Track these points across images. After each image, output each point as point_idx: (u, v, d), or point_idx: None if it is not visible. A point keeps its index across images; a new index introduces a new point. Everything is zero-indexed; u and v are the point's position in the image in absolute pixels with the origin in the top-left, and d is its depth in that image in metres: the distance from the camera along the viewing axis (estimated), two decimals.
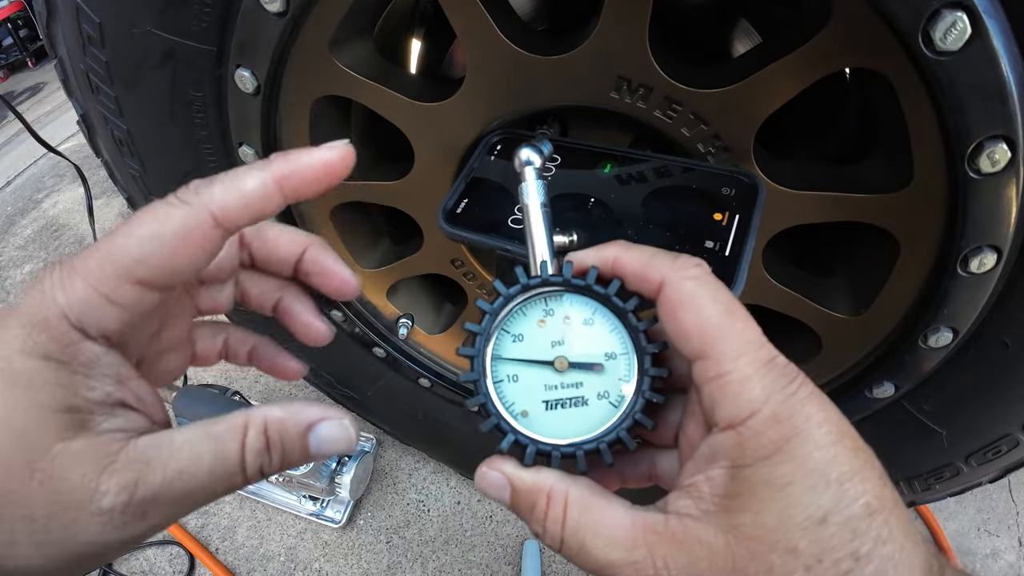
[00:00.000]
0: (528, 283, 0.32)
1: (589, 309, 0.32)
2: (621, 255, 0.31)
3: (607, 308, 0.32)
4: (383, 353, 0.88)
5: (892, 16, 0.38)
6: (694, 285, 0.29)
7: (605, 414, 0.32)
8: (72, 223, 1.93)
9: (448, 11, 0.51)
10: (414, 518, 1.13)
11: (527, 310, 0.33)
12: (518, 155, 0.38)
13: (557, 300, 0.33)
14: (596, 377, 0.32)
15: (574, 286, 0.32)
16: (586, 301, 0.32)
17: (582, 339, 0.32)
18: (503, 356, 0.32)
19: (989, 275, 0.48)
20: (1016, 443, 0.61)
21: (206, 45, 0.55)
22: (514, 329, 0.33)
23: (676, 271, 0.29)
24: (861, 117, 0.64)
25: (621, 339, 0.32)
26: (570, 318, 0.32)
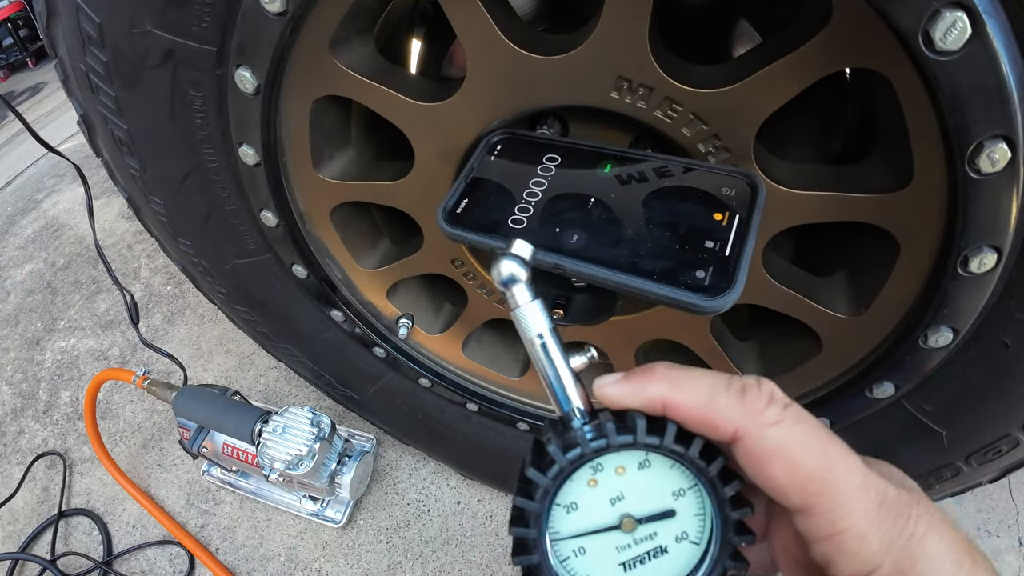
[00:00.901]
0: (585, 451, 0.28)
1: (641, 453, 0.28)
2: (671, 397, 0.27)
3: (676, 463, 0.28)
4: (383, 353, 0.88)
5: (892, 16, 0.38)
6: (779, 434, 0.25)
7: (689, 557, 0.28)
8: (72, 223, 1.93)
9: (448, 11, 0.51)
10: (414, 518, 1.13)
11: (573, 475, 0.28)
12: (497, 269, 0.32)
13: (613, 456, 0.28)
14: (670, 521, 0.28)
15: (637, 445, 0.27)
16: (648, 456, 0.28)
17: (643, 488, 0.28)
18: (561, 534, 0.29)
19: (989, 275, 0.48)
20: (1016, 443, 0.61)
21: (206, 45, 0.55)
22: (565, 499, 0.29)
23: (752, 419, 0.25)
24: (861, 117, 0.64)
25: (684, 472, 0.28)
26: (624, 468, 0.28)
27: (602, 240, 0.47)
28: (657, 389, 0.27)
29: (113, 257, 1.74)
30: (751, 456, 0.26)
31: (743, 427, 0.25)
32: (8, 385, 1.49)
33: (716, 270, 0.43)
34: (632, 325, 0.71)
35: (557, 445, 0.28)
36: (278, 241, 0.75)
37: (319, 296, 0.82)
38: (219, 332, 1.49)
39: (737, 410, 0.26)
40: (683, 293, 0.42)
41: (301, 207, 0.72)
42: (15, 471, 1.30)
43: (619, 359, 0.77)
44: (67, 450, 1.32)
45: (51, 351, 1.54)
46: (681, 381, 0.27)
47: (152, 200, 0.74)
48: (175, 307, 1.58)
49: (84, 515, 1.20)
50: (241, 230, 0.74)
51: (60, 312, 1.64)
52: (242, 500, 1.19)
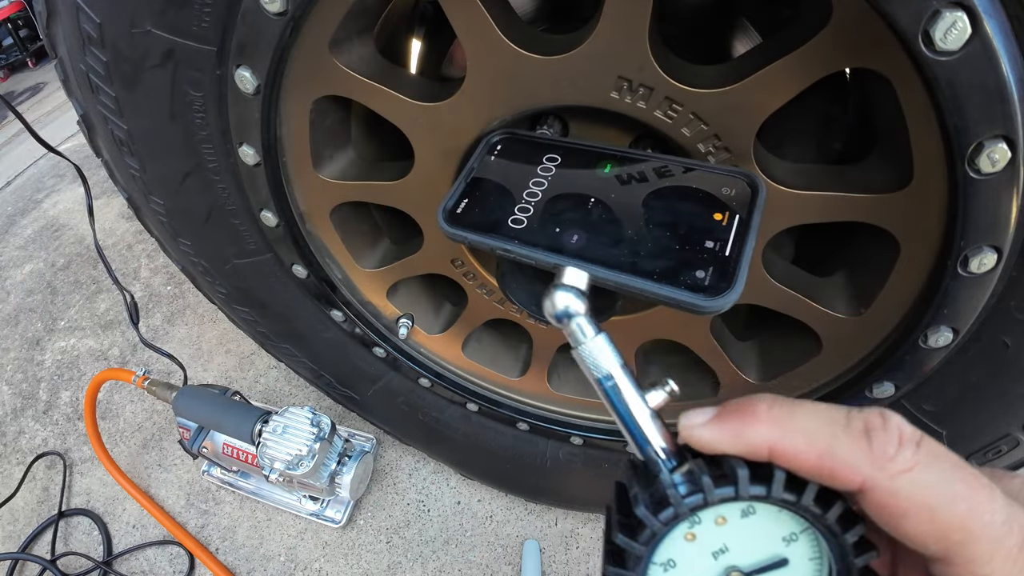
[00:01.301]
0: (680, 510, 0.25)
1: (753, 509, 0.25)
2: (780, 444, 0.24)
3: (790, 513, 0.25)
4: (383, 353, 0.88)
5: (892, 16, 0.38)
6: (913, 483, 0.22)
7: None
8: (72, 223, 1.93)
9: (448, 11, 0.51)
10: (414, 518, 1.13)
11: (673, 532, 0.25)
12: (551, 302, 0.28)
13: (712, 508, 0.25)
14: (783, 570, 0.26)
15: (740, 497, 0.24)
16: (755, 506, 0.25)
17: (749, 537, 0.25)
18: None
19: (989, 275, 0.48)
20: (1016, 443, 0.61)
21: (206, 45, 0.55)
22: (660, 557, 0.26)
23: (882, 468, 0.22)
24: (861, 117, 0.64)
25: (795, 516, 0.25)
26: (726, 518, 0.25)
27: (602, 240, 0.47)
28: (761, 434, 0.24)
29: (113, 257, 1.74)
30: (882, 509, 0.23)
31: (871, 478, 0.22)
32: (8, 385, 1.49)
33: (716, 270, 0.43)
34: (632, 325, 0.71)
35: (646, 504, 0.25)
36: (278, 241, 0.75)
37: (319, 296, 0.82)
38: (219, 332, 1.49)
39: (863, 459, 0.22)
40: (683, 293, 0.42)
41: (301, 207, 0.72)
42: (15, 471, 1.30)
43: None
44: (67, 450, 1.32)
45: (51, 351, 1.54)
46: (790, 424, 0.24)
47: (152, 200, 0.74)
48: (175, 307, 1.58)
49: (84, 515, 1.20)
50: (241, 230, 0.74)
51: (60, 312, 1.64)
52: (242, 500, 1.19)
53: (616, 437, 0.83)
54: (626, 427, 0.28)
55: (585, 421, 0.86)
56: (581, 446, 0.88)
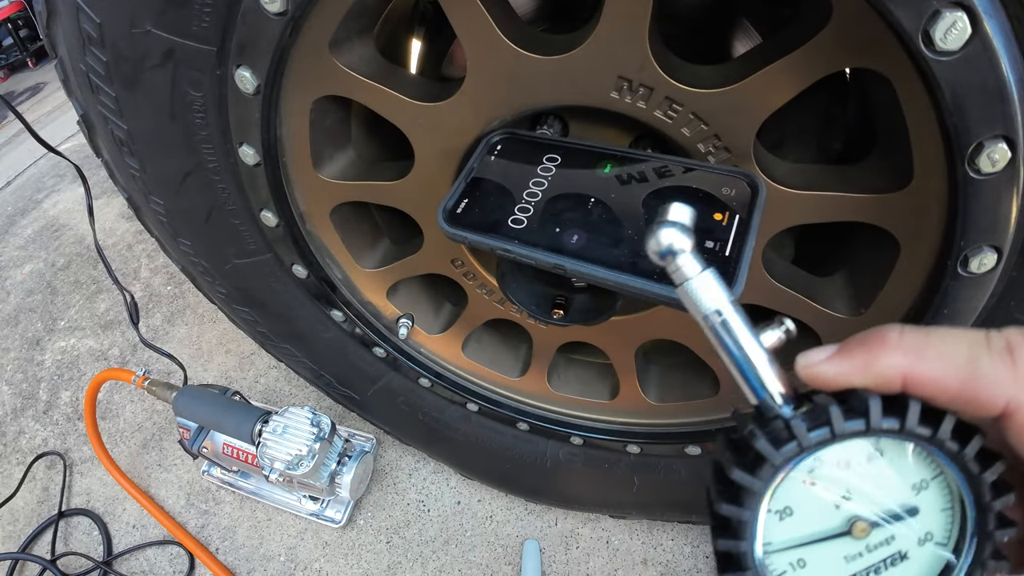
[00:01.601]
0: (804, 443, 0.23)
1: (872, 440, 0.23)
2: (915, 370, 0.21)
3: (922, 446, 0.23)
4: (383, 353, 0.88)
5: (892, 16, 0.38)
6: None
7: (935, 562, 0.24)
8: (72, 223, 1.93)
9: (448, 11, 0.51)
10: (414, 518, 1.13)
11: (792, 474, 0.24)
12: (656, 239, 0.26)
13: (836, 448, 0.23)
14: (912, 520, 0.24)
15: (871, 431, 0.22)
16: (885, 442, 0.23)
17: (876, 483, 0.23)
18: (775, 545, 0.24)
19: (989, 275, 0.48)
20: None
21: (206, 45, 0.55)
22: (776, 503, 0.24)
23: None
24: (861, 117, 0.64)
25: (927, 459, 0.23)
26: (849, 461, 0.23)
27: (602, 240, 0.47)
28: (894, 362, 0.22)
29: (113, 257, 1.74)
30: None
31: (1016, 398, 0.20)
32: (8, 385, 1.49)
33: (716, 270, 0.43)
34: (632, 325, 0.71)
35: (766, 439, 0.23)
36: (278, 241, 0.75)
37: (319, 296, 0.82)
38: (219, 332, 1.49)
39: (1007, 378, 0.20)
40: None
41: (301, 207, 0.72)
42: (15, 471, 1.30)
43: (619, 359, 0.77)
44: (67, 450, 1.32)
45: (51, 351, 1.54)
46: (926, 349, 0.21)
47: (152, 200, 0.74)
48: (175, 307, 1.58)
49: (84, 515, 1.20)
50: (241, 230, 0.74)
51: (60, 312, 1.64)
52: (242, 500, 1.19)
53: (616, 437, 0.83)
54: (737, 367, 0.26)
55: (585, 421, 0.86)
56: (581, 446, 0.88)
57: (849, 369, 0.23)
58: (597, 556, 1.06)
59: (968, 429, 0.22)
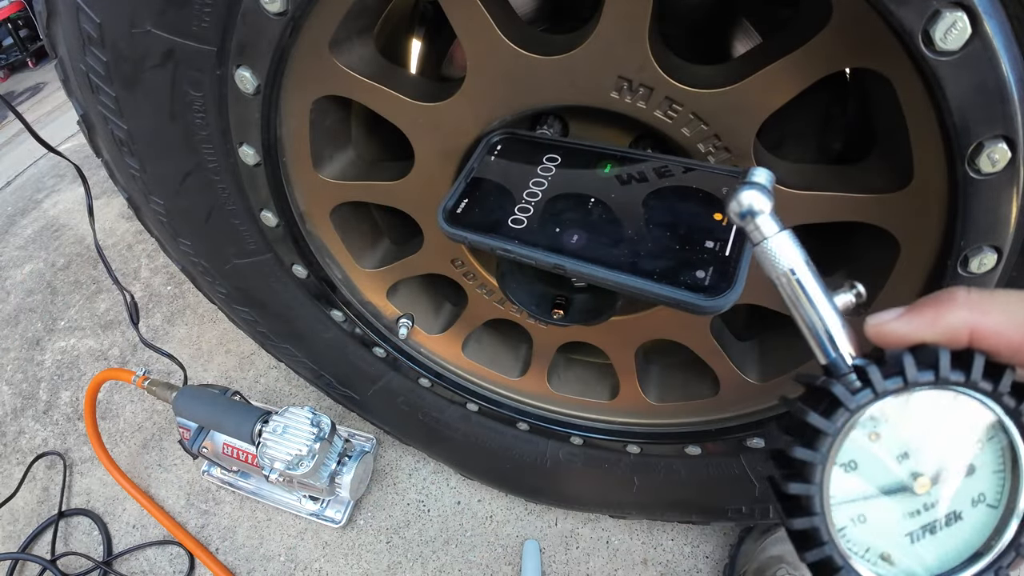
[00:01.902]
0: (880, 389, 0.24)
1: (933, 396, 0.24)
2: (981, 323, 0.23)
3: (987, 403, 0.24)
4: (383, 353, 0.88)
5: (892, 16, 0.38)
6: None
7: (985, 524, 0.24)
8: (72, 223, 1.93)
9: (448, 11, 0.51)
10: (414, 518, 1.13)
11: (857, 426, 0.25)
12: (737, 200, 0.28)
13: (901, 400, 0.24)
14: (968, 479, 0.24)
15: (941, 382, 0.23)
16: (950, 396, 0.24)
17: (936, 440, 0.24)
18: (838, 499, 0.25)
19: (989, 275, 0.48)
20: None
21: (206, 45, 0.55)
22: (842, 456, 0.25)
23: None
24: (861, 117, 0.64)
25: (984, 420, 0.24)
26: (912, 417, 0.24)
27: (602, 240, 0.47)
28: (961, 317, 0.23)
29: (113, 257, 1.74)
30: None
31: None
32: (8, 385, 1.49)
33: (716, 270, 0.43)
34: (632, 325, 0.71)
35: (843, 386, 0.24)
36: (278, 241, 0.75)
37: (319, 296, 0.82)
38: (219, 332, 1.49)
39: None
40: (683, 293, 0.42)
41: (301, 207, 0.72)
42: (15, 471, 1.30)
43: (619, 359, 0.77)
44: (67, 450, 1.32)
45: (51, 351, 1.54)
46: (989, 305, 0.23)
47: (152, 200, 0.74)
48: (175, 307, 1.58)
49: (84, 515, 1.20)
50: (241, 230, 0.74)
51: (60, 312, 1.64)
52: (242, 500, 1.19)
53: (616, 437, 0.83)
54: (808, 327, 0.27)
55: (585, 421, 0.86)
56: (581, 446, 0.88)
57: (919, 325, 0.24)
58: (597, 556, 1.06)
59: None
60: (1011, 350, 0.23)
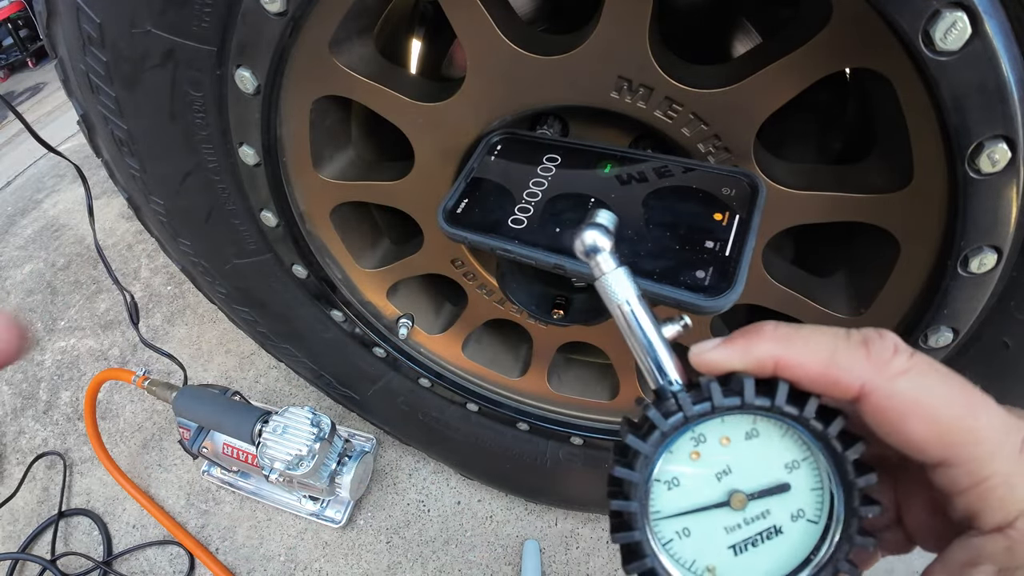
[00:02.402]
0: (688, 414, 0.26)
1: (748, 419, 0.26)
2: (785, 355, 0.25)
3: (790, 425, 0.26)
4: (383, 353, 0.88)
5: (892, 16, 0.38)
6: (912, 384, 0.23)
7: (807, 537, 0.26)
8: (72, 223, 1.93)
9: (448, 11, 0.51)
10: (414, 518, 1.13)
11: (674, 445, 0.27)
12: (580, 240, 0.30)
13: (716, 423, 0.26)
14: (784, 496, 0.26)
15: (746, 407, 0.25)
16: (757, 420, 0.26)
17: (752, 460, 0.26)
18: (662, 513, 0.27)
19: (989, 275, 0.48)
20: None
21: (206, 45, 0.55)
22: (665, 474, 0.27)
23: (880, 372, 0.23)
24: (861, 117, 0.64)
25: (797, 441, 0.26)
26: (729, 438, 0.26)
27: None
28: (767, 348, 0.25)
29: (113, 257, 1.74)
30: (883, 412, 0.23)
31: (870, 381, 0.23)
32: (8, 385, 1.49)
33: (716, 270, 0.43)
34: None
35: (657, 410, 0.26)
36: (278, 241, 0.75)
37: (319, 296, 0.82)
38: (219, 332, 1.49)
39: (862, 363, 0.23)
40: (683, 293, 0.42)
41: (301, 207, 0.72)
42: (15, 471, 1.30)
43: (619, 359, 0.77)
44: (67, 450, 1.32)
45: (51, 351, 1.54)
46: (794, 338, 0.25)
47: (152, 200, 0.74)
48: (175, 307, 1.58)
49: (84, 515, 1.20)
50: (241, 230, 0.74)
51: (60, 312, 1.64)
52: (242, 500, 1.18)
53: (616, 437, 0.83)
54: (639, 354, 0.29)
55: (585, 421, 0.86)
56: (581, 446, 0.88)
57: (731, 354, 0.26)
58: (597, 556, 1.06)
59: (831, 412, 0.25)
60: (812, 379, 0.25)
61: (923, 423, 0.23)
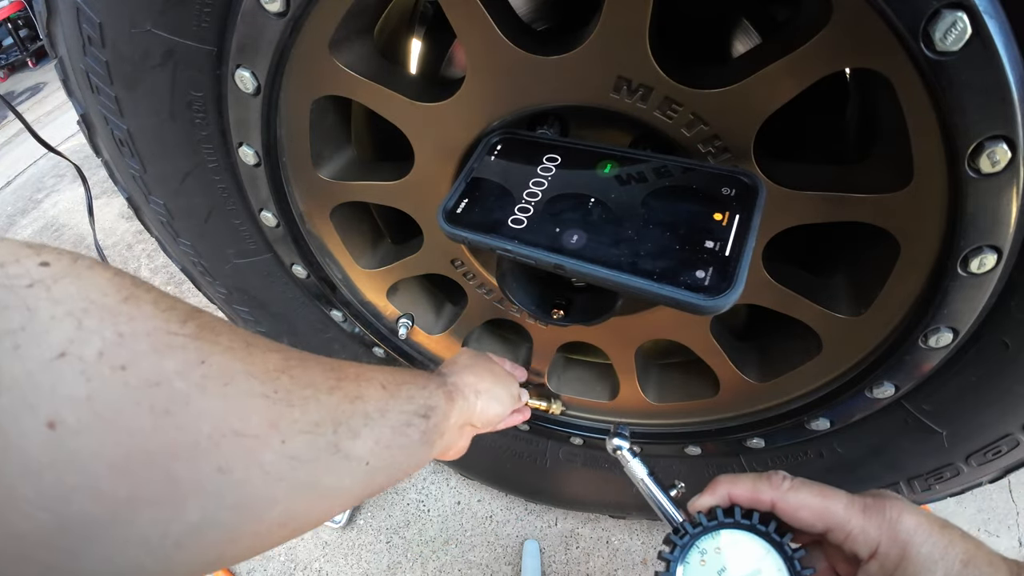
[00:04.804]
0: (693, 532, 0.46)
1: (731, 536, 0.45)
2: (730, 490, 0.45)
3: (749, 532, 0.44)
4: (383, 353, 0.88)
5: (892, 16, 0.38)
6: (794, 493, 0.43)
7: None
8: (72, 223, 1.93)
9: (448, 11, 0.51)
10: (414, 518, 1.13)
11: (688, 557, 0.45)
12: (610, 444, 0.58)
13: (709, 539, 0.45)
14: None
15: (726, 524, 0.45)
16: (730, 532, 0.45)
17: (738, 559, 0.44)
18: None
19: (989, 275, 0.48)
20: (1016, 443, 0.61)
21: (206, 45, 0.55)
22: (686, 573, 0.45)
23: (778, 490, 0.43)
24: (861, 117, 0.64)
25: (760, 543, 0.44)
26: (720, 548, 0.45)
27: (602, 240, 0.47)
28: (723, 489, 0.45)
29: (113, 257, 1.74)
30: (787, 511, 0.43)
31: (774, 497, 0.43)
32: None
33: (716, 270, 0.43)
34: (632, 325, 0.71)
35: (675, 535, 0.47)
36: (278, 241, 0.75)
37: (319, 296, 0.82)
38: None
39: (768, 488, 0.44)
40: (683, 293, 0.42)
41: (301, 207, 0.72)
42: None
43: (619, 359, 0.77)
44: None
45: None
46: (736, 481, 0.45)
47: (152, 200, 0.74)
48: None
49: None
50: (241, 230, 0.74)
51: None
52: None
53: None
54: (657, 509, 0.52)
55: (585, 421, 0.86)
56: (581, 446, 0.88)
57: (708, 500, 0.47)
58: (597, 556, 1.06)
59: (784, 526, 0.44)
60: (748, 502, 0.45)
61: (806, 512, 0.42)
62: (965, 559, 0.38)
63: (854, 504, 0.41)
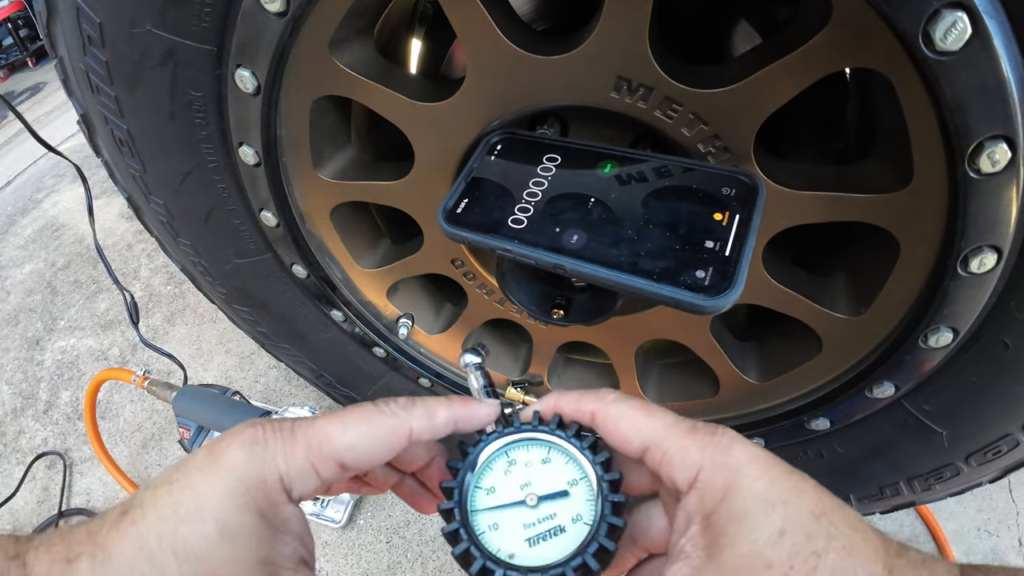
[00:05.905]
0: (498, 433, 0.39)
1: (544, 450, 0.38)
2: (558, 400, 0.39)
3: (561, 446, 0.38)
4: (383, 353, 0.88)
5: (892, 16, 0.38)
6: (616, 404, 0.37)
7: (581, 535, 0.35)
8: (72, 223, 1.93)
9: (448, 11, 0.51)
10: (414, 518, 1.13)
11: (493, 464, 0.38)
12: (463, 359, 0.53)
13: (518, 449, 0.39)
14: (566, 503, 0.36)
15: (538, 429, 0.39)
16: (541, 444, 0.38)
17: (545, 475, 0.37)
18: (479, 508, 0.37)
19: (989, 275, 0.48)
20: (1016, 443, 0.61)
21: (206, 45, 0.55)
22: (486, 483, 0.38)
23: (600, 401, 0.37)
24: (861, 117, 0.64)
25: (578, 467, 0.37)
26: (530, 462, 0.38)
27: (602, 240, 0.47)
28: (550, 400, 0.39)
29: (113, 257, 1.74)
30: (605, 423, 0.37)
31: (595, 407, 0.37)
32: (8, 385, 1.49)
33: (716, 270, 0.43)
34: (632, 325, 0.71)
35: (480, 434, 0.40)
36: (278, 241, 0.75)
37: (319, 296, 0.82)
38: (219, 332, 1.49)
39: (592, 398, 0.38)
40: (683, 293, 0.42)
41: (301, 207, 0.72)
42: (15, 471, 1.30)
43: (619, 359, 0.77)
44: (67, 450, 1.32)
45: (51, 351, 1.54)
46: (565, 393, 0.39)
47: (152, 200, 0.74)
48: (175, 307, 1.58)
49: (84, 515, 1.20)
50: (241, 230, 0.74)
51: (60, 312, 1.64)
52: None
53: None
54: None
55: None
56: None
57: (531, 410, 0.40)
58: None
59: (600, 444, 0.37)
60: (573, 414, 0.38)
61: (624, 423, 0.36)
62: (817, 511, 0.30)
63: (680, 424, 0.35)
